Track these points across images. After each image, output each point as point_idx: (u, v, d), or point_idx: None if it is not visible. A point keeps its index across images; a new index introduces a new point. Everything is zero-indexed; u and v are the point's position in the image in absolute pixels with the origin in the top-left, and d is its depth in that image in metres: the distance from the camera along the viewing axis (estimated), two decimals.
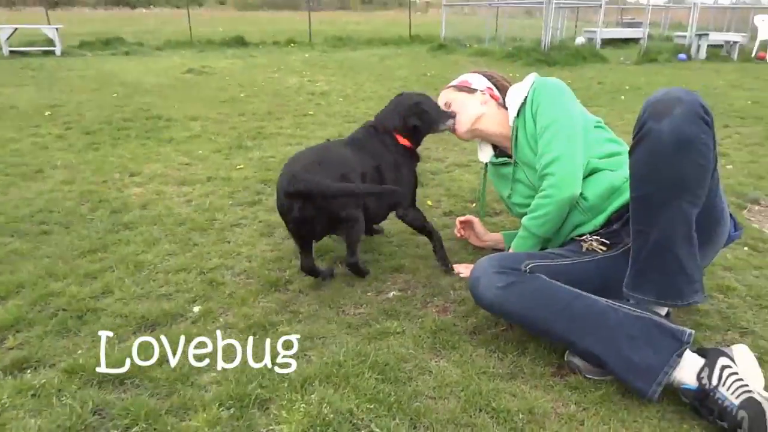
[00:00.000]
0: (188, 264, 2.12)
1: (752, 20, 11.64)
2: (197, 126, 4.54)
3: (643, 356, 1.35)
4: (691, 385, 1.31)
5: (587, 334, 1.42)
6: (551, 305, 1.47)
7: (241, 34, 13.39)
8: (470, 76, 2.08)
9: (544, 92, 1.81)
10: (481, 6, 15.04)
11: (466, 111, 1.99)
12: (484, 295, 1.54)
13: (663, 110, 1.28)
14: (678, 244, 1.34)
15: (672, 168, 1.29)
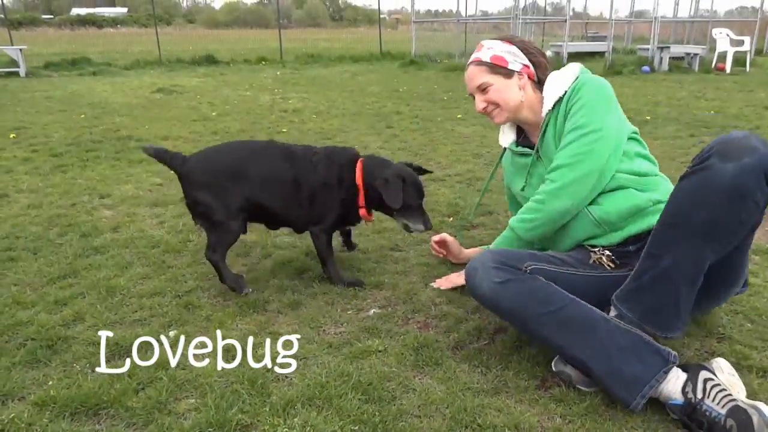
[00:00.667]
0: (163, 287, 2.06)
1: (710, 33, 12.10)
2: (169, 146, 4.46)
3: (632, 368, 1.34)
4: (677, 400, 1.31)
5: (578, 340, 1.41)
6: (546, 306, 1.44)
7: (211, 52, 13.33)
8: (503, 47, 1.77)
9: (585, 93, 1.67)
10: (450, 22, 15.29)
11: (506, 100, 1.77)
12: (480, 288, 1.51)
13: (733, 153, 1.25)
14: (683, 280, 1.35)
15: (715, 211, 1.28)
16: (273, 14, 21.47)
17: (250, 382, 1.50)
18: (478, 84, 1.79)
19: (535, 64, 1.79)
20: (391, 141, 4.67)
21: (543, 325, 1.44)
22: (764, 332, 1.73)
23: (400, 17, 39.78)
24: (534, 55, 1.80)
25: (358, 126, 5.34)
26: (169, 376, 1.53)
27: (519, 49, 1.78)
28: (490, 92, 1.78)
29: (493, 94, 1.78)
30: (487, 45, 1.80)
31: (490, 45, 1.79)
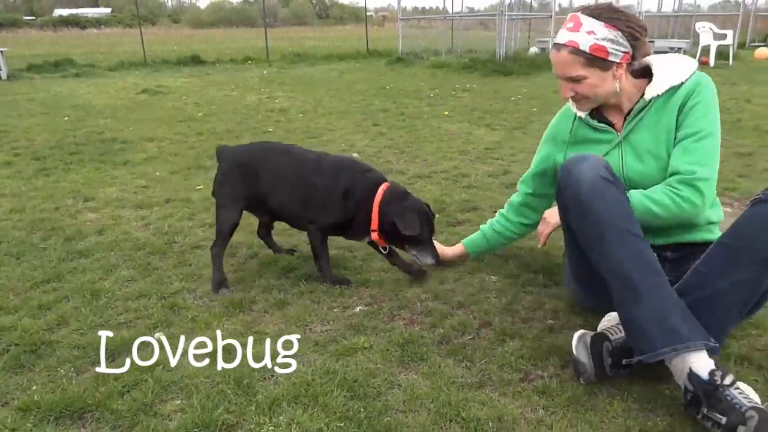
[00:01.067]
0: (148, 289, 2.06)
1: (694, 27, 12.21)
2: (154, 147, 4.45)
3: (679, 322, 1.30)
4: (703, 375, 1.27)
5: (643, 269, 1.36)
6: (632, 226, 1.39)
7: (196, 52, 13.25)
8: (605, 33, 1.52)
9: (709, 93, 1.58)
10: (437, 19, 15.31)
11: (598, 93, 1.62)
12: (585, 174, 1.41)
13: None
14: (730, 305, 1.36)
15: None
16: (259, 13, 21.36)
17: (236, 382, 1.50)
18: (573, 75, 1.59)
19: (635, 47, 1.57)
20: (377, 139, 4.68)
21: (621, 239, 1.37)
22: (742, 322, 1.76)
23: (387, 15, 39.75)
24: (638, 39, 1.56)
25: (344, 124, 5.35)
26: (155, 377, 1.53)
27: (623, 35, 1.53)
28: (583, 85, 1.60)
29: (585, 88, 1.61)
30: (587, 26, 1.53)
31: (591, 27, 1.53)
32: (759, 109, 5.70)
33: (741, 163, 3.68)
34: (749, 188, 3.11)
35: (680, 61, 1.64)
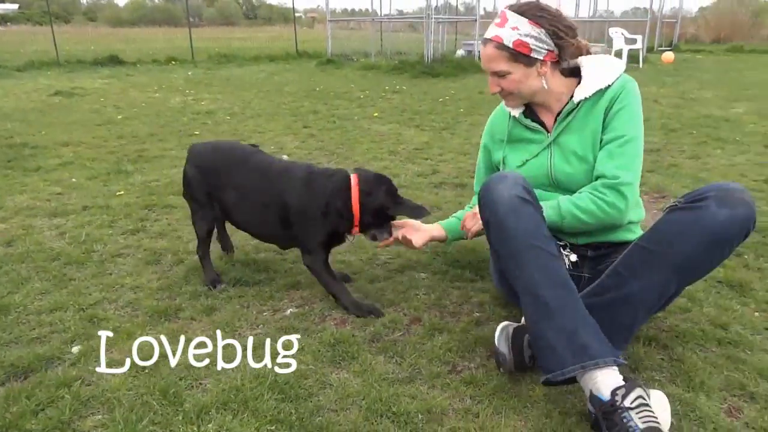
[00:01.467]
0: (64, 302, 1.95)
1: (607, 32, 12.96)
2: (69, 152, 4.21)
3: (588, 338, 1.32)
4: (603, 395, 1.27)
5: (554, 287, 1.38)
6: (545, 244, 1.42)
7: (115, 52, 12.62)
8: (528, 30, 1.57)
9: (633, 98, 1.61)
10: (366, 21, 15.39)
11: (522, 89, 1.65)
12: (501, 194, 1.44)
13: (730, 201, 1.31)
14: (643, 307, 1.41)
15: (697, 248, 1.33)
16: (182, 12, 20.65)
17: (161, 392, 1.46)
18: (496, 69, 1.63)
19: (560, 47, 1.61)
20: (308, 141, 4.66)
21: (532, 255, 1.40)
22: None
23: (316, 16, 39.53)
24: (562, 39, 1.60)
25: (274, 126, 5.28)
26: (73, 393, 1.46)
27: (547, 32, 1.57)
28: (507, 80, 1.64)
29: (510, 84, 1.64)
30: (512, 21, 1.58)
31: (516, 23, 1.57)
32: (666, 108, 6.13)
33: (649, 159, 3.94)
34: (657, 183, 3.34)
35: (608, 63, 1.66)
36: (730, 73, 10.24)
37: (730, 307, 1.88)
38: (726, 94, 7.26)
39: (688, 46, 18.15)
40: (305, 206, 1.93)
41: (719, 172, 3.55)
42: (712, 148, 4.28)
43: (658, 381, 1.51)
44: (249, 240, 2.53)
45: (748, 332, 1.73)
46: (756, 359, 1.59)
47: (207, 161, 2.09)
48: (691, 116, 5.63)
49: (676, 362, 1.58)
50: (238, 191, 2.02)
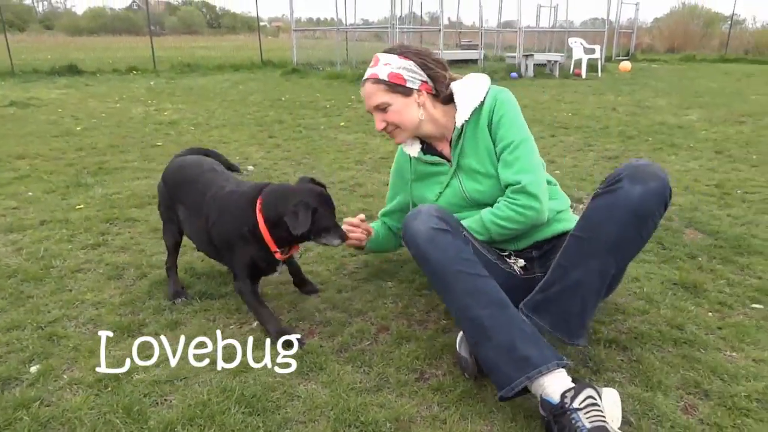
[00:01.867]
0: (21, 320, 1.89)
1: (567, 42, 13.32)
2: (25, 165, 4.08)
3: (527, 349, 1.36)
4: (553, 399, 1.31)
5: (486, 306, 1.43)
6: (469, 267, 1.48)
7: (73, 61, 12.28)
8: (401, 63, 1.70)
9: (508, 105, 1.71)
10: (331, 30, 15.42)
11: (404, 120, 1.75)
12: (417, 230, 1.51)
13: (641, 178, 1.39)
14: (590, 292, 1.46)
15: (622, 228, 1.40)
16: (144, 20, 20.27)
17: (125, 411, 1.43)
18: (377, 104, 1.74)
19: (433, 78, 1.74)
20: (273, 151, 4.63)
21: (459, 280, 1.46)
22: (610, 309, 1.96)
23: (281, 25, 39.38)
24: (432, 69, 1.74)
25: (239, 137, 5.23)
26: (32, 414, 1.42)
27: (417, 64, 1.72)
28: (389, 113, 1.74)
29: (392, 115, 1.75)
30: (383, 60, 1.73)
31: (387, 60, 1.72)
32: (623, 116, 6.34)
33: (608, 166, 4.07)
34: None
35: (475, 82, 1.77)
36: (683, 81, 10.66)
37: (685, 308, 1.95)
38: (679, 101, 7.55)
39: (644, 56, 18.85)
40: (220, 230, 1.85)
41: (674, 178, 3.69)
42: (667, 154, 4.44)
43: (619, 382, 1.56)
44: None
45: (703, 332, 1.81)
46: (710, 358, 1.66)
47: (170, 176, 2.09)
48: (647, 123, 5.84)
49: (635, 363, 1.64)
50: (187, 209, 2.02)
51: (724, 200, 3.20)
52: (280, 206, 1.74)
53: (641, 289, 2.11)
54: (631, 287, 2.13)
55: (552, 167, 4.02)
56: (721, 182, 3.56)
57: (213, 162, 2.13)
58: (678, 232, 2.68)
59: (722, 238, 2.60)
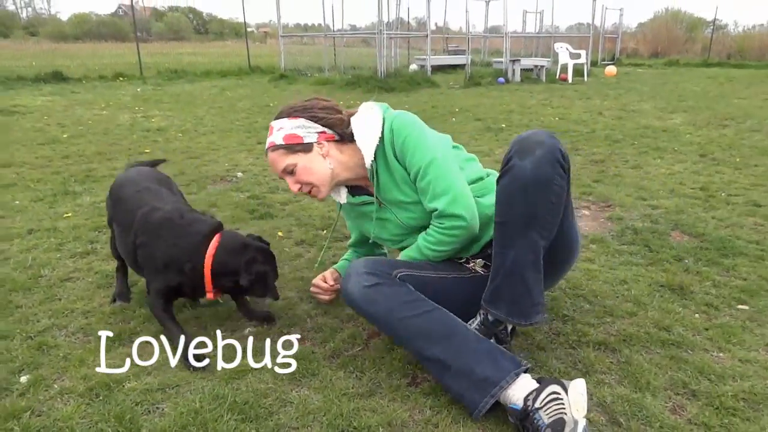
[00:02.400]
0: (10, 330, 1.87)
1: (553, 47, 13.46)
2: (11, 173, 4.04)
3: (484, 369, 1.42)
4: (517, 405, 1.37)
5: (436, 343, 1.48)
6: (410, 310, 1.53)
7: (58, 68, 12.17)
8: (291, 124, 1.72)
9: (405, 131, 1.67)
10: (318, 36, 15.45)
11: (315, 176, 1.73)
12: (352, 292, 1.57)
13: (527, 149, 1.41)
14: (527, 269, 1.47)
15: (528, 202, 1.42)
16: (130, 27, 20.15)
17: (117, 419, 1.42)
18: (283, 167, 1.74)
19: (329, 125, 1.74)
20: (262, 157, 4.63)
21: (406, 328, 1.52)
22: (599, 311, 1.99)
23: (269, 31, 39.34)
24: (323, 119, 1.74)
25: (227, 143, 5.22)
26: (23, 425, 1.40)
27: (307, 119, 1.73)
28: (298, 173, 1.73)
29: (302, 174, 1.73)
30: (276, 126, 1.74)
31: (280, 125, 1.73)
32: (609, 120, 6.42)
33: (595, 170, 4.12)
34: (603, 192, 3.49)
35: (368, 117, 1.73)
36: (668, 85, 10.82)
37: (673, 310, 1.99)
38: (664, 105, 7.66)
39: (629, 60, 19.10)
40: (152, 252, 1.84)
41: (659, 181, 3.75)
42: (653, 157, 4.50)
43: (608, 383, 1.58)
44: None
45: (690, 333, 1.84)
46: (697, 358, 1.69)
47: (112, 190, 2.15)
48: (633, 127, 5.91)
49: (623, 364, 1.66)
50: (119, 225, 2.03)
51: (709, 203, 3.26)
52: (235, 259, 1.78)
53: (629, 291, 2.14)
54: (619, 290, 2.16)
55: None
56: (706, 185, 3.62)
57: (153, 179, 2.13)
58: (664, 235, 2.72)
59: (708, 240, 2.64)
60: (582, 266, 2.37)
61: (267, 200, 3.39)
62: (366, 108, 1.76)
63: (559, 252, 1.62)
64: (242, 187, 3.69)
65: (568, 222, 1.59)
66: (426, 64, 12.57)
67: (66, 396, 1.54)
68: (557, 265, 1.67)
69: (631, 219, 2.98)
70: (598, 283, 2.21)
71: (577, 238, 1.70)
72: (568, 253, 1.69)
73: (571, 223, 1.63)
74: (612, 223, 2.95)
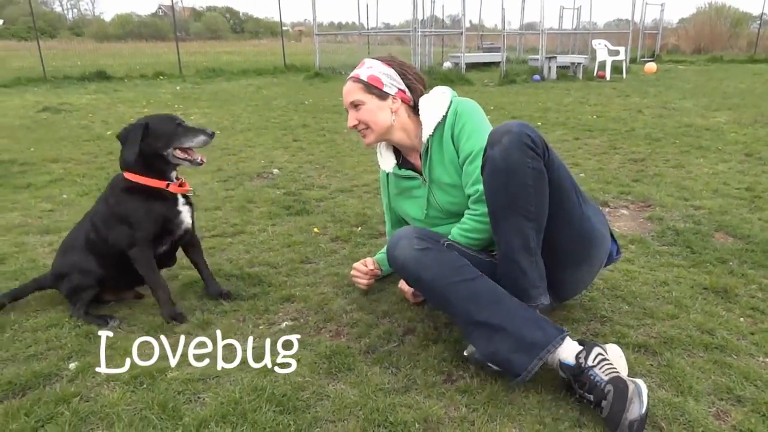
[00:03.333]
0: (60, 319, 1.96)
1: (591, 44, 13.19)
2: (59, 169, 4.20)
3: (532, 333, 1.47)
4: (570, 362, 1.46)
5: (485, 308, 1.51)
6: (459, 275, 1.56)
7: (102, 67, 12.61)
8: (382, 69, 1.82)
9: (467, 116, 1.77)
10: (353, 34, 15.51)
11: (376, 121, 1.82)
12: (401, 254, 1.59)
13: (496, 139, 1.49)
14: (517, 252, 1.53)
15: (507, 189, 1.48)
16: (169, 26, 20.64)
17: (160, 407, 1.47)
18: (352, 100, 1.83)
19: (411, 89, 1.85)
20: (297, 154, 4.69)
21: (455, 291, 1.54)
22: (639, 313, 1.95)
23: (303, 29, 39.70)
24: (411, 80, 1.85)
25: (264, 140, 5.31)
26: (72, 410, 1.47)
27: (397, 72, 1.83)
28: (361, 111, 1.82)
29: (364, 114, 1.82)
30: (367, 63, 1.85)
31: (371, 64, 1.84)
32: (649, 118, 6.26)
33: (635, 169, 4.02)
34: (642, 191, 3.41)
35: (438, 96, 1.84)
36: (711, 82, 10.46)
37: (716, 313, 1.93)
38: (707, 103, 7.42)
39: (669, 57, 18.55)
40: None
41: (702, 181, 3.64)
42: (695, 157, 4.37)
43: (648, 387, 1.54)
44: (242, 254, 2.55)
45: (734, 337, 1.78)
46: (742, 363, 1.64)
47: None
48: (674, 126, 5.75)
49: (664, 368, 1.63)
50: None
51: (755, 203, 3.14)
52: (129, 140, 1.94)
53: (670, 293, 2.09)
54: (660, 291, 2.11)
55: (576, 170, 3.99)
56: (752, 185, 3.50)
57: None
58: (707, 236, 2.65)
59: (753, 242, 2.56)
60: (621, 267, 2.32)
61: (302, 197, 3.43)
62: (439, 90, 1.87)
63: (572, 243, 1.64)
64: (278, 184, 3.75)
65: (577, 212, 1.60)
66: (460, 62, 12.48)
67: (112, 383, 1.60)
68: (576, 258, 1.69)
69: (673, 219, 2.91)
70: (637, 284, 2.17)
71: (597, 230, 1.68)
72: (585, 245, 1.68)
73: (582, 213, 1.62)
74: (652, 224, 2.88)
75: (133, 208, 1.93)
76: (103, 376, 1.62)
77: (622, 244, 2.59)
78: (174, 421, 1.42)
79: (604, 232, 1.73)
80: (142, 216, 1.93)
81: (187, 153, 1.97)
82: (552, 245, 1.59)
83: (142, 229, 1.93)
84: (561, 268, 1.68)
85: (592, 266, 1.78)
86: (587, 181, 3.67)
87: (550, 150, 1.52)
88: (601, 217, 1.73)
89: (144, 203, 1.94)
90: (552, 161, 1.52)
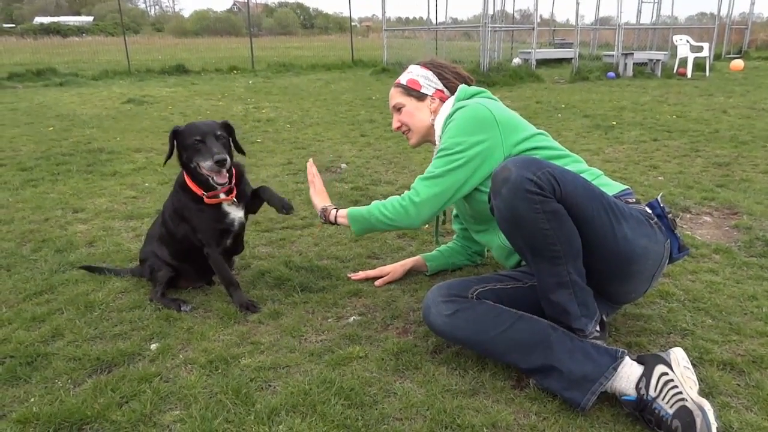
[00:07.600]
0: (142, 301, 2.07)
1: (671, 39, 12.50)
2: (142, 158, 4.44)
3: (581, 368, 1.42)
4: (630, 396, 1.37)
5: (529, 353, 1.49)
6: (496, 327, 1.54)
7: (181, 61, 13.22)
8: (420, 72, 1.92)
9: (459, 118, 1.75)
10: (421, 30, 15.46)
11: (416, 122, 1.92)
12: (435, 323, 1.61)
13: (497, 189, 1.44)
14: (553, 291, 1.49)
15: (521, 234, 1.46)
16: (243, 22, 21.34)
17: (234, 392, 1.52)
18: (394, 104, 1.96)
19: (449, 88, 1.92)
20: (365, 149, 4.73)
21: (497, 345, 1.54)
22: (724, 327, 1.83)
23: (371, 25, 39.95)
24: (448, 79, 1.92)
25: (332, 135, 5.39)
26: (153, 388, 1.55)
27: (434, 74, 1.92)
28: (403, 113, 1.94)
29: (404, 116, 1.94)
30: (409, 69, 1.97)
31: (411, 69, 1.96)
32: (735, 120, 5.87)
33: (719, 173, 3.79)
34: (727, 198, 3.21)
35: (448, 101, 1.89)
36: None
37: None
38: None
39: (759, 53, 17.26)
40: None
41: None
42: None
43: (735, 408, 1.45)
44: (311, 246, 2.60)
45: None
46: None
47: None
48: (763, 128, 5.36)
49: (753, 389, 1.52)
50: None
51: None
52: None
53: (759, 308, 1.95)
54: (748, 306, 1.98)
55: (654, 173, 3.80)
56: None
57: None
58: None
59: None
60: (704, 278, 2.19)
61: (369, 192, 3.46)
62: (460, 88, 1.89)
63: (610, 264, 1.54)
64: (346, 178, 3.80)
65: (610, 234, 1.47)
66: (531, 58, 12.17)
67: (189, 366, 1.67)
68: (618, 276, 1.57)
69: (762, 229, 2.71)
70: (722, 297, 2.04)
71: (638, 246, 1.52)
72: (624, 264, 1.54)
73: (616, 234, 1.48)
74: (738, 233, 2.70)
75: (188, 209, 2.02)
76: (181, 358, 1.71)
77: (705, 253, 2.45)
78: (246, 407, 1.47)
79: (647, 244, 1.55)
80: (196, 218, 2.01)
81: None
82: (590, 269, 1.51)
83: (200, 230, 2.01)
84: (607, 284, 1.60)
85: (641, 278, 1.63)
86: (666, 185, 3.49)
87: (562, 182, 1.39)
88: (643, 229, 1.55)
89: (195, 205, 2.01)
90: (569, 193, 1.40)
